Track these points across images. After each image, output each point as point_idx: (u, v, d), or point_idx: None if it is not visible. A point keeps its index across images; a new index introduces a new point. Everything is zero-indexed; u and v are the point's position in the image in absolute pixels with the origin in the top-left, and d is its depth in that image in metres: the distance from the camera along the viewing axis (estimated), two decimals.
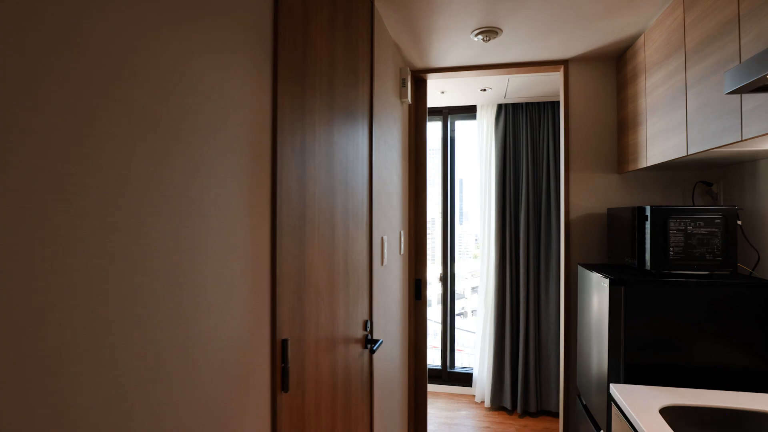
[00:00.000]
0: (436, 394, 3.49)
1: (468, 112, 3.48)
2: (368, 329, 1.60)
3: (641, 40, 1.99)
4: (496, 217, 3.27)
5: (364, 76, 1.59)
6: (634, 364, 1.67)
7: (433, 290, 4.38)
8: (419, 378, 2.61)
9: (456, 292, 3.90)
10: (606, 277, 1.71)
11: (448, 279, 3.58)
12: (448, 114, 3.55)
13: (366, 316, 1.60)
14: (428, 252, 2.62)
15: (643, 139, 1.95)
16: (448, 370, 3.58)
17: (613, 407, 1.58)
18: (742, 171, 1.92)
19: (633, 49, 2.09)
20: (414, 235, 2.58)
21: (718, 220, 1.65)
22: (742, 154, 1.62)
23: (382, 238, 1.85)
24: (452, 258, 3.61)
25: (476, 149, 3.42)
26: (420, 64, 2.46)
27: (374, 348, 1.51)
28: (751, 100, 1.21)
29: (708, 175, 2.18)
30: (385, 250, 1.89)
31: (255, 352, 0.85)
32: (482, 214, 3.36)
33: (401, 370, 2.31)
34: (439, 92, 2.98)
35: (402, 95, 2.30)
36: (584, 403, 2.06)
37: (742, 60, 1.24)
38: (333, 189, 1.25)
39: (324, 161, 1.20)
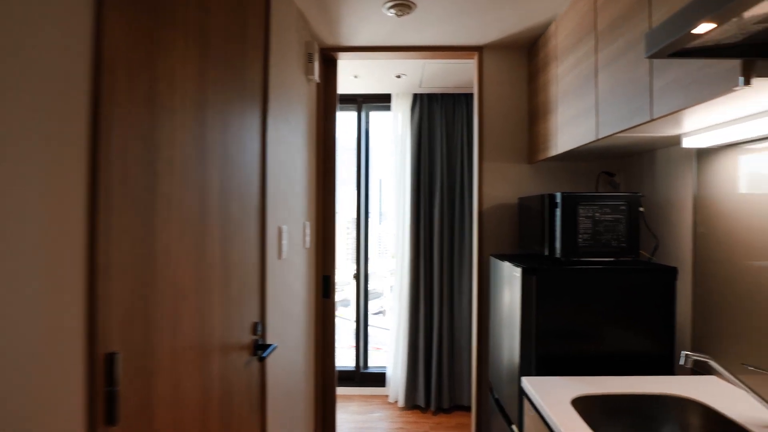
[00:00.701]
0: (349, 397, 3.31)
1: (383, 101, 3.34)
2: (259, 333, 1.35)
3: (553, 27, 1.96)
4: (410, 212, 3.16)
5: (255, 35, 1.34)
6: (546, 354, 1.61)
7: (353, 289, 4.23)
8: (328, 382, 2.41)
9: (375, 291, 3.76)
10: (518, 266, 1.64)
11: (361, 277, 3.42)
12: (362, 103, 3.38)
13: (256, 318, 1.36)
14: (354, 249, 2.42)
15: (554, 127, 1.93)
16: (362, 371, 3.41)
17: (525, 401, 1.50)
18: (641, 161, 1.97)
19: (545, 37, 2.07)
20: (322, 228, 2.36)
21: (623, 207, 1.65)
22: (643, 143, 1.63)
23: (279, 228, 1.62)
24: (366, 255, 3.45)
25: (391, 141, 3.29)
26: (330, 41, 2.25)
27: (264, 354, 1.27)
28: (661, 77, 1.17)
29: (611, 166, 2.23)
30: (285, 242, 1.66)
31: (57, 373, 0.59)
32: (397, 209, 3.24)
33: (306, 375, 2.09)
34: (353, 76, 2.80)
35: (308, 71, 2.07)
36: (496, 397, 1.99)
37: None
38: (205, 160, 1.00)
39: (191, 124, 0.94)
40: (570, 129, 1.76)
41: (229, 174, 1.14)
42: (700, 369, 1.58)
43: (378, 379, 3.40)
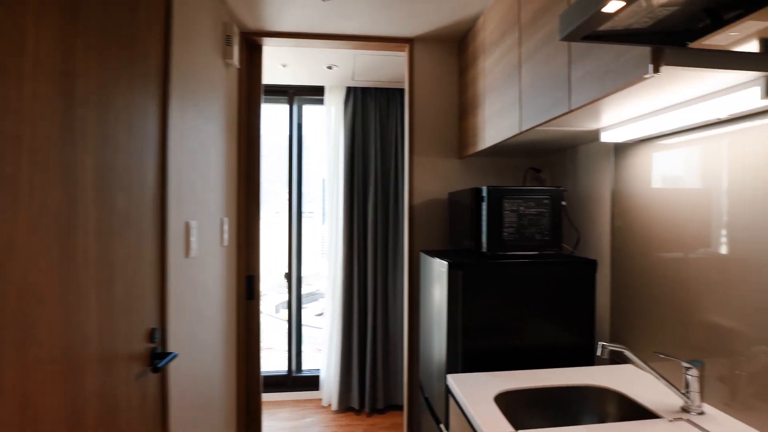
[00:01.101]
0: (280, 403, 3.16)
1: (316, 94, 3.22)
2: (157, 340, 1.20)
3: (481, 20, 1.95)
4: (344, 209, 3.07)
5: (149, 3, 1.18)
6: (473, 350, 1.58)
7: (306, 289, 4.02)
8: (252, 389, 2.26)
9: (319, 292, 3.62)
10: (445, 261, 1.60)
11: (293, 276, 3.27)
12: (294, 95, 3.24)
13: (154, 323, 1.20)
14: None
15: (482, 121, 1.92)
16: (294, 374, 3.27)
17: (451, 399, 1.46)
18: (565, 157, 2.01)
19: (474, 31, 2.05)
20: (245, 225, 2.21)
21: (546, 201, 1.66)
22: (566, 138, 1.65)
23: (187, 224, 1.46)
24: (299, 254, 3.31)
25: (324, 135, 3.17)
26: (252, 24, 2.10)
27: (159, 365, 1.12)
28: (579, 68, 1.17)
29: (538, 162, 2.27)
30: (194, 239, 1.50)
31: None
32: (330, 206, 3.13)
33: (225, 383, 1.93)
34: (281, 65, 2.65)
35: (226, 55, 1.91)
36: (426, 396, 1.95)
37: None
38: (73, 140, 0.85)
39: (51, 95, 0.79)
40: (496, 123, 1.74)
41: (111, 158, 0.98)
42: (617, 358, 1.62)
43: (312, 383, 3.27)
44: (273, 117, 3.83)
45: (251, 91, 2.27)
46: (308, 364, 3.39)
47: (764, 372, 1.06)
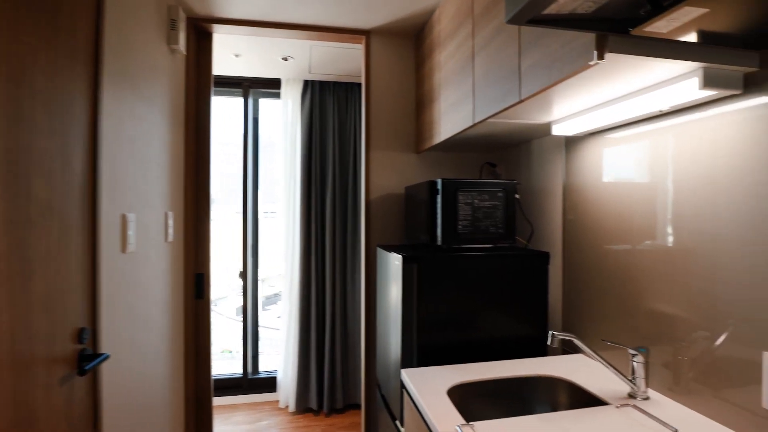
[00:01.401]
0: (235, 407, 3.04)
1: (272, 87, 3.13)
2: (87, 341, 1.11)
3: (437, 13, 1.94)
4: (301, 205, 2.99)
5: None
6: (428, 344, 1.56)
7: (266, 290, 3.87)
8: (203, 392, 2.15)
9: (279, 293, 3.52)
10: (400, 255, 1.57)
11: (249, 275, 3.16)
12: (249, 88, 3.13)
13: (82, 323, 1.11)
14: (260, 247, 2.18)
15: (437, 114, 1.91)
16: (250, 377, 3.16)
17: (405, 394, 1.44)
18: (519, 151, 2.03)
19: (430, 24, 2.04)
20: (194, 221, 2.10)
21: (500, 194, 1.67)
22: (520, 132, 1.66)
23: (123, 216, 1.36)
24: (255, 252, 3.21)
25: (281, 130, 3.08)
26: (201, 10, 2.00)
27: (86, 367, 1.03)
28: (528, 58, 1.17)
29: (493, 157, 2.29)
30: (132, 233, 1.41)
31: None
32: (287, 202, 3.04)
33: (171, 387, 1.82)
34: (233, 55, 2.55)
35: (171, 40, 1.81)
36: (383, 393, 1.92)
37: None
38: None
39: None
40: (451, 116, 1.74)
41: (25, 140, 0.89)
42: (569, 348, 1.64)
43: (269, 385, 3.17)
44: (229, 111, 3.68)
45: (201, 80, 2.17)
46: (268, 366, 3.29)
47: (704, 357, 1.10)
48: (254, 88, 3.14)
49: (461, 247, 1.65)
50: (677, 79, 1.02)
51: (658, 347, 1.23)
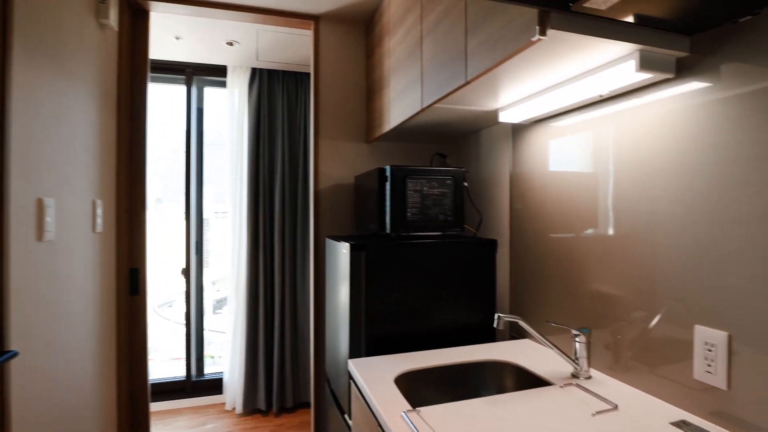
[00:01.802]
0: (177, 411, 2.88)
1: (218, 75, 2.99)
2: None
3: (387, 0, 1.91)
4: (248, 199, 2.88)
5: None
6: (377, 335, 1.53)
7: (221, 292, 3.66)
8: (138, 396, 2.01)
9: (226, 295, 3.36)
10: (347, 243, 1.53)
11: (193, 274, 3.00)
12: (193, 75, 2.97)
13: None
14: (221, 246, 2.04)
15: (387, 102, 1.88)
16: (194, 379, 3.00)
17: (352, 385, 1.39)
18: (468, 141, 2.04)
19: (380, 10, 2.01)
20: (128, 211, 1.96)
21: (449, 181, 1.66)
22: (469, 120, 1.67)
23: (40, 201, 1.23)
24: (200, 249, 3.05)
25: (227, 120, 2.95)
26: None
27: None
28: (474, 38, 1.16)
29: (444, 148, 2.29)
30: (50, 220, 1.27)
31: None
32: (233, 196, 2.92)
33: (100, 390, 1.68)
34: (174, 37, 2.41)
35: (101, 14, 1.67)
36: (332, 388, 1.87)
37: None
38: None
39: None
40: (400, 102, 1.71)
41: None
42: (516, 334, 1.66)
43: (215, 387, 3.03)
44: (172, 101, 3.48)
45: (136, 62, 2.02)
46: (215, 368, 3.14)
47: (641, 336, 1.13)
48: (198, 75, 2.98)
49: (410, 235, 1.63)
50: (615, 62, 1.04)
51: (599, 329, 1.26)
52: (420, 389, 1.32)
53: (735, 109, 0.91)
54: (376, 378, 1.24)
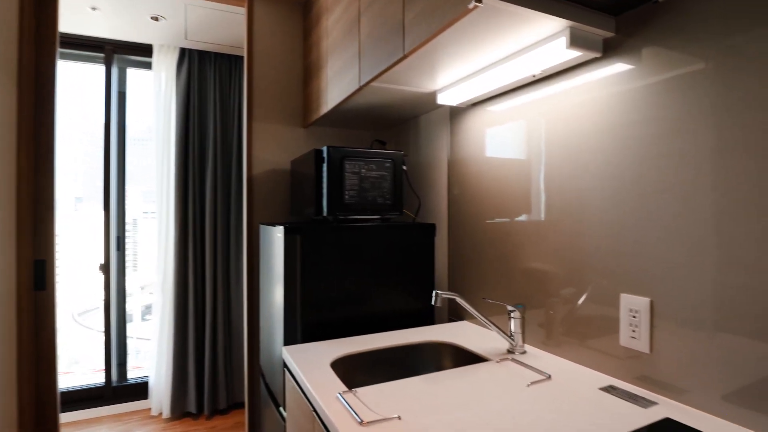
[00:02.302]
0: (97, 420, 2.63)
1: (143, 54, 2.76)
2: None
3: None
4: (176, 190, 2.68)
5: None
6: (313, 322, 1.47)
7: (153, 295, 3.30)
8: (46, 405, 1.79)
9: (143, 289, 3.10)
10: (282, 227, 1.45)
11: (113, 268, 2.76)
12: (113, 53, 2.73)
13: None
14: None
15: (324, 83, 1.82)
16: (115, 384, 2.76)
17: (286, 373, 1.32)
18: (408, 128, 2.03)
19: None
20: (32, 197, 1.74)
21: (388, 164, 1.63)
22: (408, 104, 1.65)
23: None
24: (121, 243, 2.81)
25: (153, 104, 2.73)
26: None
27: None
28: (412, 9, 1.13)
29: (382, 135, 2.27)
30: None
31: None
32: (159, 185, 2.71)
33: None
34: (89, 7, 2.19)
35: None
36: (267, 382, 1.77)
37: None
38: None
39: None
40: (338, 82, 1.66)
41: None
42: (454, 317, 1.67)
43: (138, 392, 2.80)
44: (87, 78, 3.16)
45: (43, 32, 1.80)
46: (139, 372, 2.90)
47: (572, 311, 1.16)
48: (120, 53, 2.74)
49: (348, 218, 1.59)
50: (548, 40, 1.06)
51: (533, 306, 1.29)
52: (357, 373, 1.28)
53: (655, 89, 0.96)
54: (311, 363, 1.18)
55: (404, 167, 1.68)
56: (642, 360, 0.98)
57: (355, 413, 0.86)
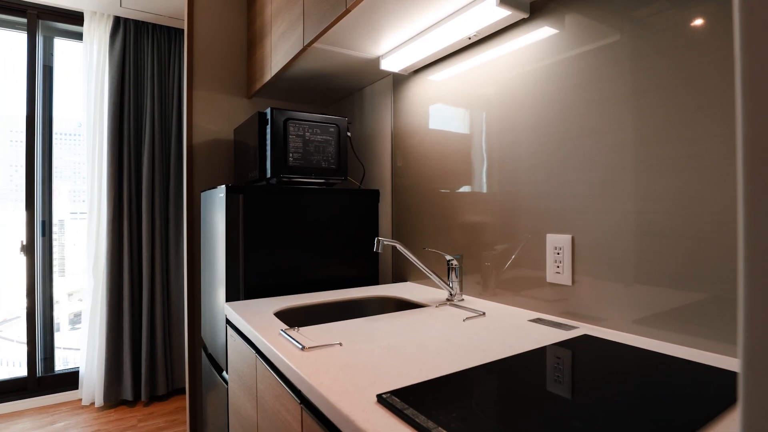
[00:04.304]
0: (19, 413, 2.43)
1: (72, 22, 2.58)
2: None
3: None
4: (109, 166, 2.53)
5: None
6: (256, 285, 1.46)
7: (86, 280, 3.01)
8: None
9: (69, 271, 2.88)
10: (223, 187, 1.43)
11: (38, 250, 2.57)
12: (38, 19, 2.54)
13: None
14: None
15: (269, 49, 1.81)
16: (40, 375, 2.57)
17: (228, 329, 1.31)
18: (353, 101, 2.05)
19: None
20: None
21: (332, 129, 1.65)
22: (352, 72, 1.67)
23: None
24: (47, 226, 2.62)
25: (83, 76, 2.57)
26: None
27: None
28: None
29: (329, 111, 2.28)
30: None
31: None
32: (91, 165, 2.55)
33: None
34: None
35: None
36: (209, 353, 1.73)
37: None
38: None
39: None
40: (282, 45, 1.66)
41: None
42: (398, 279, 1.71)
43: (66, 382, 2.62)
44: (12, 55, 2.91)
45: None
46: (67, 363, 2.71)
47: (504, 259, 1.24)
48: (45, 19, 2.55)
49: (292, 180, 1.59)
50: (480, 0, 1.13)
51: (471, 259, 1.36)
52: (301, 322, 1.29)
53: (576, 51, 1.05)
54: (254, 314, 1.18)
55: (348, 134, 1.70)
56: (566, 294, 1.07)
57: (298, 342, 0.88)
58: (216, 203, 1.55)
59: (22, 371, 2.58)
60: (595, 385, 0.64)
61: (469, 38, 1.31)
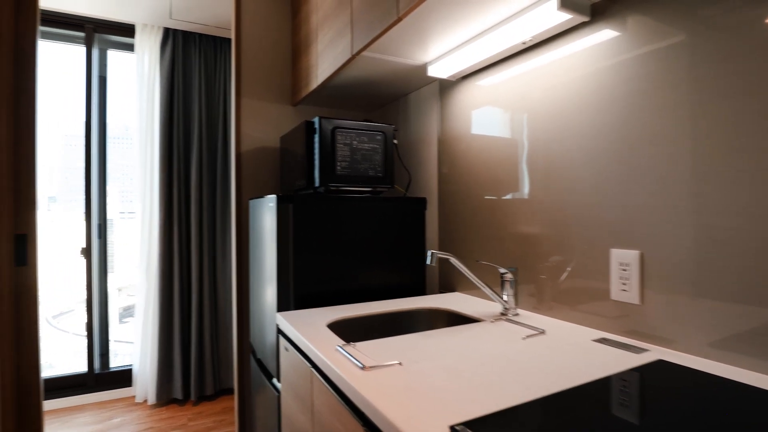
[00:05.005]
0: (79, 408, 2.57)
1: (125, 34, 2.70)
2: None
3: None
4: (160, 170, 2.64)
5: None
6: (306, 293, 1.46)
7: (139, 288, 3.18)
8: (29, 389, 1.74)
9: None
10: (273, 196, 1.45)
11: (95, 253, 2.69)
12: (94, 32, 2.66)
13: None
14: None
15: (315, 58, 1.81)
16: (97, 372, 2.70)
17: (280, 339, 1.32)
18: (397, 107, 2.04)
19: None
20: (11, 167, 1.69)
21: (379, 137, 1.64)
22: (399, 79, 1.66)
23: None
24: (102, 227, 2.74)
25: (136, 86, 2.68)
26: None
27: None
28: None
29: (373, 116, 2.27)
30: None
31: None
32: (143, 168, 2.66)
33: None
34: None
35: None
36: (258, 358, 1.76)
37: None
38: None
39: None
40: (328, 54, 1.66)
41: None
42: (445, 289, 1.68)
43: (122, 379, 2.75)
44: (68, 60, 3.07)
45: (21, 8, 1.75)
46: (121, 360, 2.85)
47: (562, 273, 1.19)
48: (101, 32, 2.68)
49: (340, 188, 1.59)
50: (539, 3, 1.08)
51: (525, 269, 1.31)
52: (354, 335, 1.29)
53: (640, 55, 0.99)
54: (307, 325, 1.18)
55: (395, 141, 1.68)
56: (633, 313, 1.01)
57: (357, 360, 0.87)
58: (266, 212, 1.57)
59: (78, 363, 2.72)
60: (691, 423, 0.60)
61: (524, 43, 1.26)
